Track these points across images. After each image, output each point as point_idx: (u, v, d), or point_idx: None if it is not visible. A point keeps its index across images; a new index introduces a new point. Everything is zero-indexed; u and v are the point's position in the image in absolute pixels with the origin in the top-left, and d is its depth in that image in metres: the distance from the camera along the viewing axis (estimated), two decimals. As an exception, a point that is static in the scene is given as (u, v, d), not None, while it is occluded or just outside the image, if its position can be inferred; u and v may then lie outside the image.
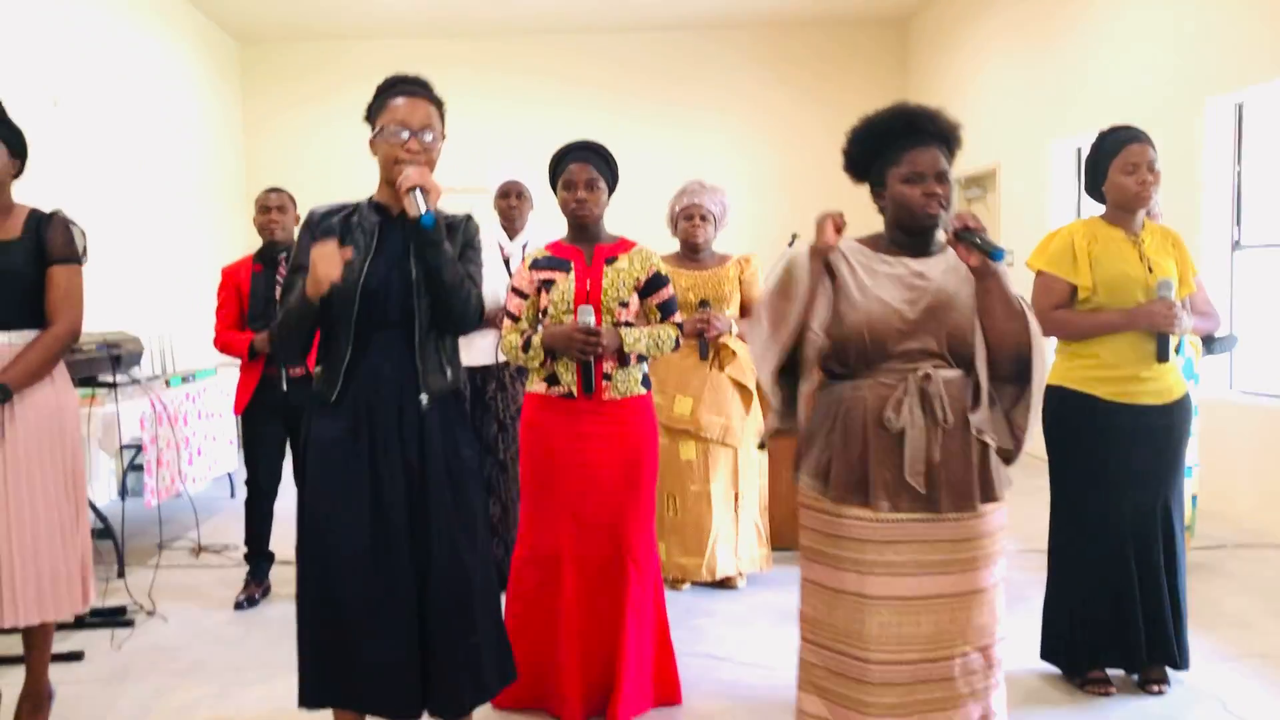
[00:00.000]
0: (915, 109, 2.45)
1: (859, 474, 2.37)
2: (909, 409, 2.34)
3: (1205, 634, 3.95)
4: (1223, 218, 6.04)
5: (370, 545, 2.49)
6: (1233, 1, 5.76)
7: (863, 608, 2.36)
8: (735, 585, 4.62)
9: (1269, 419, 5.61)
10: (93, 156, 7.03)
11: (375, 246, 2.56)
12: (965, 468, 2.37)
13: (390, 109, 2.55)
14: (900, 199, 2.42)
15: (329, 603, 2.51)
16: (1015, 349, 2.38)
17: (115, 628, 4.16)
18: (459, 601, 2.56)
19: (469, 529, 2.60)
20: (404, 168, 2.48)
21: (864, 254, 2.47)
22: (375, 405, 2.53)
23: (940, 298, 2.40)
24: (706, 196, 4.46)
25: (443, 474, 2.57)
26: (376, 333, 2.54)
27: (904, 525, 2.35)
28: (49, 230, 3.06)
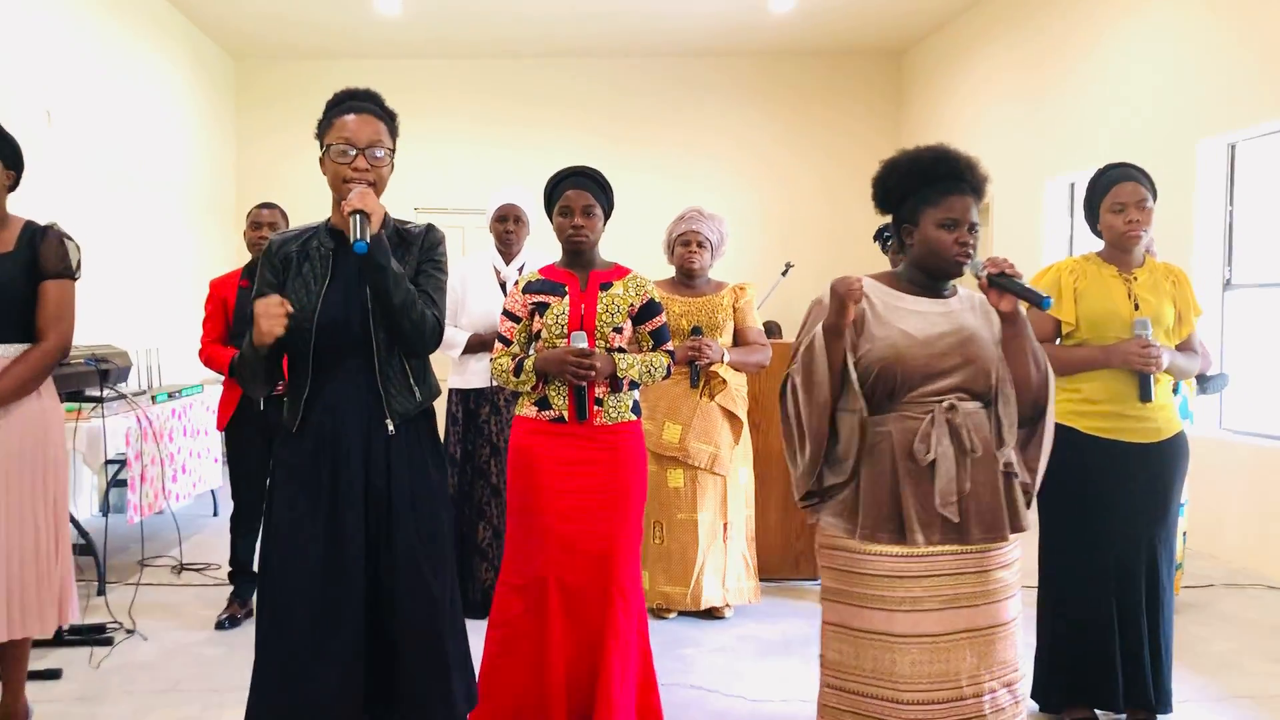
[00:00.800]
0: (959, 155, 2.47)
1: (890, 509, 2.37)
2: (937, 440, 2.35)
3: (1193, 674, 3.93)
4: (1215, 257, 6.07)
5: (324, 576, 2.46)
6: (1226, 44, 5.81)
7: (892, 647, 2.35)
8: (722, 615, 4.59)
9: (1258, 458, 5.62)
10: (85, 171, 7.01)
11: (330, 273, 2.51)
12: (994, 497, 2.39)
13: (337, 126, 2.49)
14: (933, 242, 2.44)
15: (278, 631, 2.47)
16: (1035, 393, 2.44)
17: (94, 646, 4.10)
18: (427, 627, 2.53)
19: (435, 554, 2.57)
20: (351, 188, 2.44)
21: (885, 292, 2.49)
22: (339, 433, 2.49)
23: (964, 334, 2.42)
24: (705, 224, 4.46)
25: (407, 500, 2.53)
26: (338, 360, 2.50)
27: (932, 560, 2.36)
28: (43, 244, 3.05)
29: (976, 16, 8.84)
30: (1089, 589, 3.21)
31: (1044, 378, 2.44)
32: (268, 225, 4.53)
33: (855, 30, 9.59)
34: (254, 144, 10.26)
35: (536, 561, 3.12)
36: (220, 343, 4.50)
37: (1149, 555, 3.24)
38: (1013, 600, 2.46)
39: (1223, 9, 5.85)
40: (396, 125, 2.59)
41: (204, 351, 4.53)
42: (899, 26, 9.51)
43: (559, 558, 3.11)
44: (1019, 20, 8.14)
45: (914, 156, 2.51)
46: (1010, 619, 2.44)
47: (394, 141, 2.57)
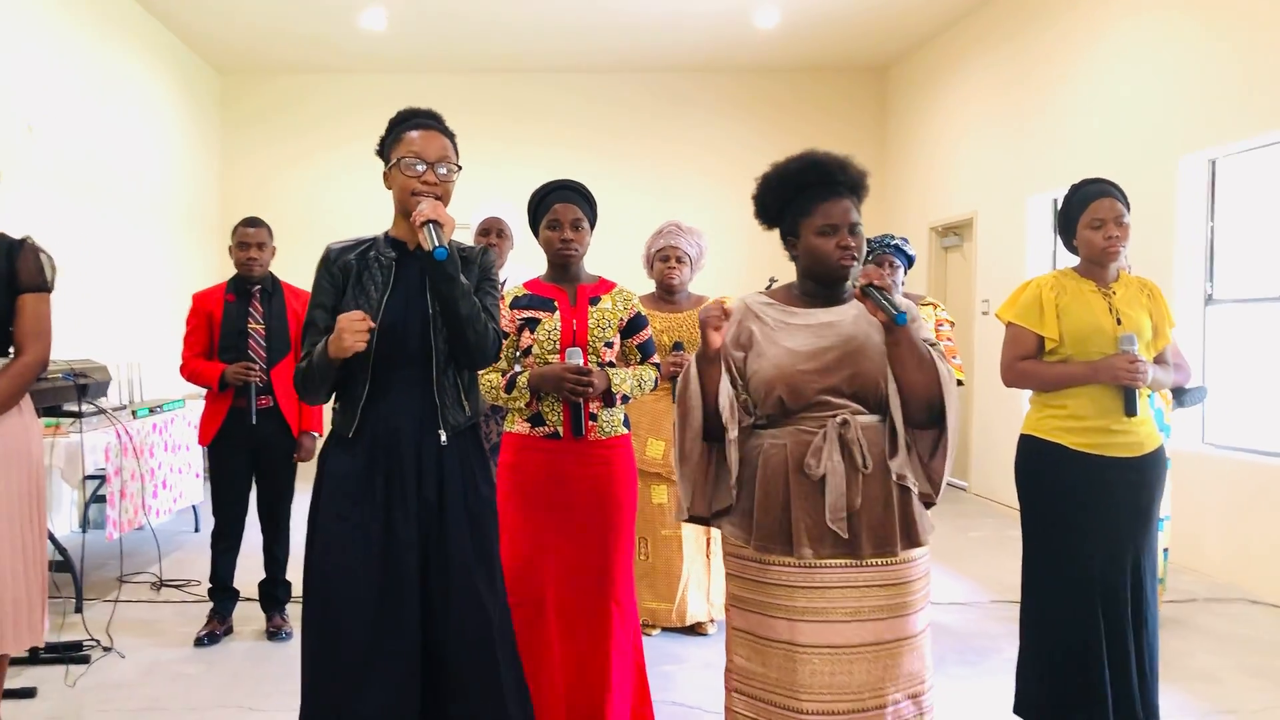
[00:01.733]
0: (825, 158, 2.46)
1: (782, 522, 2.37)
2: (828, 455, 2.34)
3: (1175, 689, 3.93)
4: (1196, 272, 6.10)
5: (378, 589, 2.42)
6: (1206, 61, 5.86)
7: (794, 657, 2.34)
8: (705, 631, 4.57)
9: (1240, 472, 5.64)
10: (68, 184, 6.97)
11: (392, 283, 2.53)
12: (886, 512, 2.37)
13: (405, 141, 2.53)
14: (814, 251, 2.43)
15: (330, 646, 2.42)
16: (927, 398, 2.39)
17: (70, 664, 4.05)
18: (481, 642, 2.50)
19: (488, 569, 2.56)
20: (419, 200, 2.46)
21: (774, 308, 2.49)
22: (393, 443, 2.48)
23: (851, 345, 2.41)
24: (683, 238, 4.45)
25: (462, 512, 2.52)
26: (394, 370, 2.50)
27: (831, 571, 2.35)
28: (19, 258, 3.02)
29: (960, 33, 8.90)
30: (1075, 604, 3.21)
31: (934, 384, 2.38)
32: (255, 246, 4.46)
33: (839, 46, 9.64)
34: (239, 158, 10.23)
35: (533, 579, 3.10)
36: (204, 357, 4.46)
37: (1134, 569, 3.24)
38: (922, 613, 2.43)
39: (1203, 26, 5.89)
40: (457, 144, 2.63)
41: (186, 367, 4.47)
42: (883, 43, 9.56)
43: (555, 574, 3.09)
44: (1002, 37, 8.19)
45: (782, 168, 2.50)
46: (918, 631, 2.42)
47: (458, 159, 2.61)
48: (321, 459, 2.57)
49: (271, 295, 4.51)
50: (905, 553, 2.38)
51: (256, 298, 4.47)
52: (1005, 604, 5.00)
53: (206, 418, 4.49)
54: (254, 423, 4.35)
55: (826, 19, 8.81)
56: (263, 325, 4.45)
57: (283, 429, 4.45)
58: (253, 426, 4.37)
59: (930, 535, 2.43)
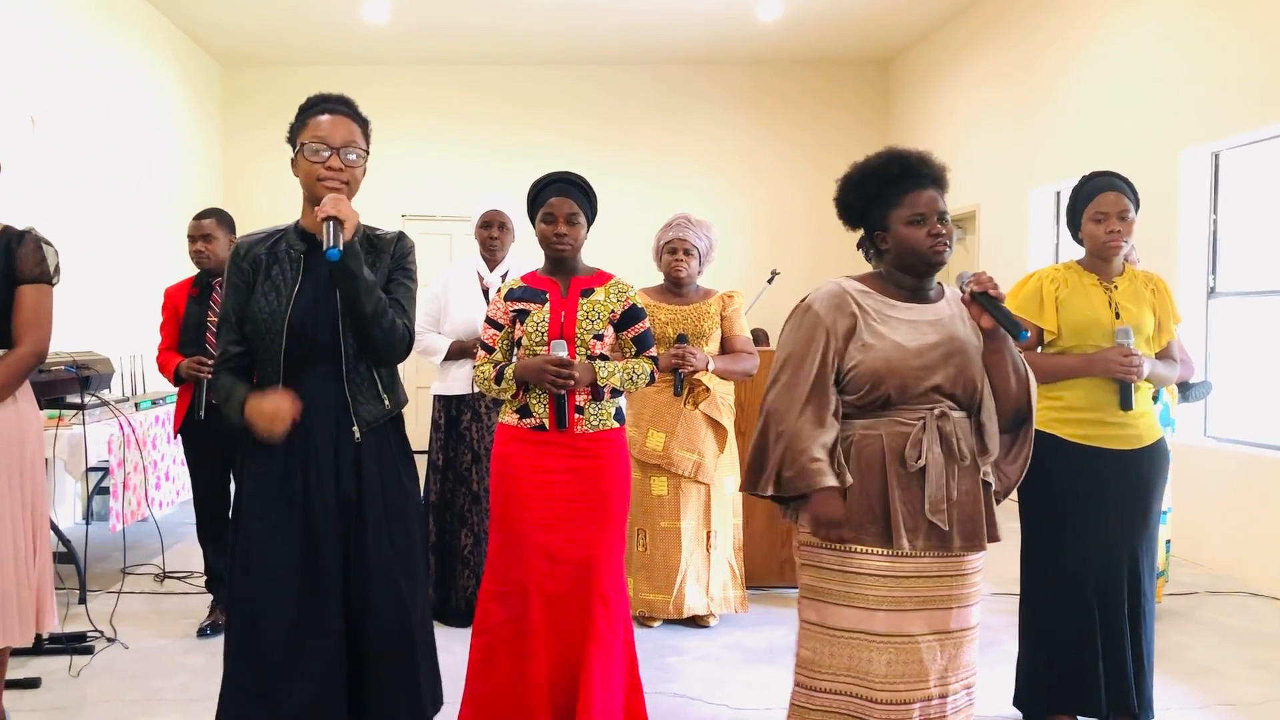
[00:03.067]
0: (909, 153, 2.48)
1: (877, 512, 2.38)
2: (928, 447, 2.36)
3: (1175, 681, 3.94)
4: (1199, 265, 6.10)
5: (299, 587, 2.43)
6: (1209, 53, 5.85)
7: (870, 646, 2.37)
8: (707, 624, 4.58)
9: (1242, 466, 5.64)
10: (70, 176, 6.98)
11: (300, 277, 2.49)
12: (975, 506, 2.41)
13: (311, 126, 2.47)
14: (907, 241, 2.44)
15: (252, 641, 2.43)
16: (1016, 404, 2.46)
17: (74, 654, 4.07)
18: (399, 638, 2.51)
19: (408, 563, 2.56)
20: (325, 188, 2.43)
21: (876, 299, 2.48)
22: (308, 440, 2.47)
23: (955, 344, 2.43)
24: (692, 231, 4.45)
25: (379, 508, 2.51)
26: (306, 366, 2.47)
27: (909, 561, 2.38)
28: (20, 249, 3.02)
29: (962, 26, 8.88)
30: (1071, 596, 3.21)
31: (1025, 389, 2.46)
32: (202, 238, 4.38)
33: (842, 39, 9.63)
34: (240, 150, 10.24)
35: (517, 570, 3.10)
36: (173, 350, 4.45)
37: (1130, 562, 3.25)
38: (979, 606, 2.50)
39: (1206, 18, 5.88)
40: (369, 131, 2.58)
41: (158, 359, 4.49)
42: (886, 35, 9.54)
43: (540, 566, 3.10)
44: (1004, 30, 8.18)
45: (865, 165, 2.52)
46: (976, 624, 2.48)
47: (368, 146, 2.55)
48: (243, 458, 2.56)
49: None
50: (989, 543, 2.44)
51: (217, 290, 4.44)
52: (1005, 596, 5.00)
53: (177, 410, 4.49)
54: (202, 417, 4.31)
55: (829, 11, 8.80)
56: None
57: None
58: (216, 418, 4.35)
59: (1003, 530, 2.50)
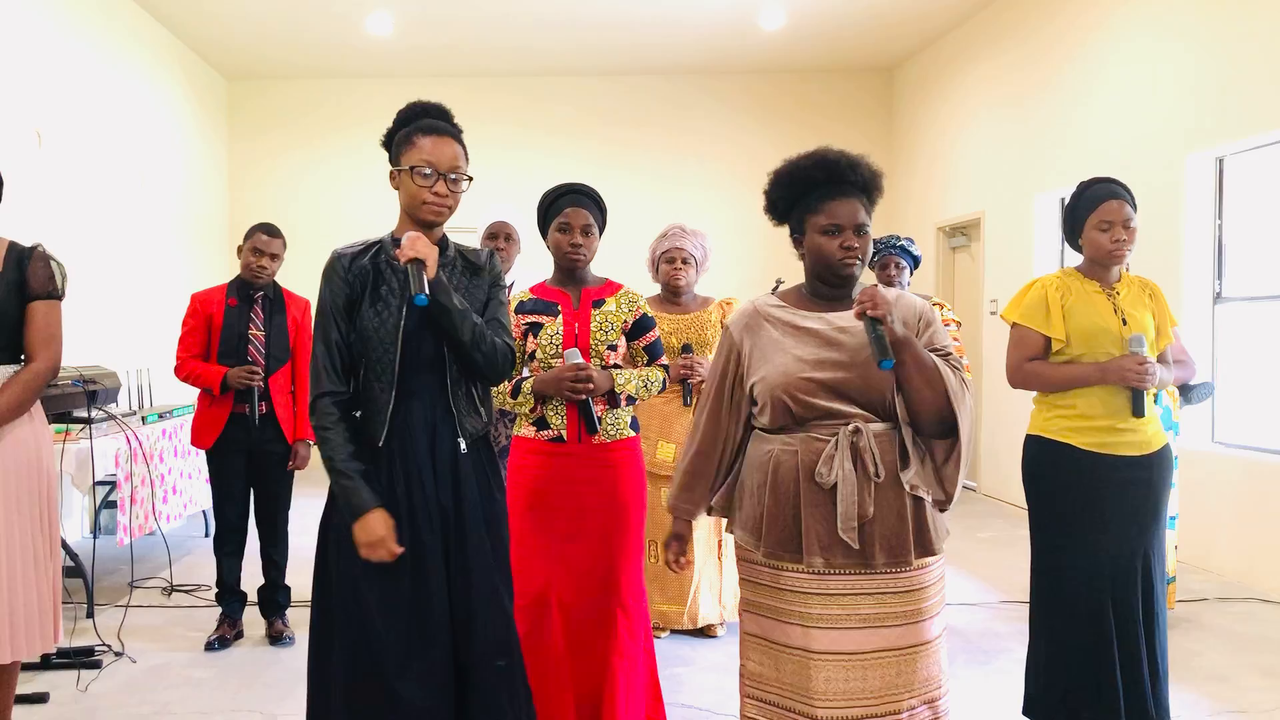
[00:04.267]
0: (837, 157, 2.42)
1: (792, 529, 2.35)
2: (840, 463, 2.31)
3: (1185, 688, 3.92)
4: (1204, 270, 6.09)
5: (409, 591, 2.42)
6: (1212, 59, 5.85)
7: (808, 663, 2.33)
8: (715, 634, 4.57)
9: (1249, 471, 5.62)
10: (76, 191, 7.00)
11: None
12: (899, 522, 2.34)
13: (418, 147, 2.47)
14: (817, 250, 2.41)
15: (365, 649, 2.40)
16: (937, 413, 2.36)
17: (82, 669, 4.07)
18: (504, 647, 2.50)
19: (505, 575, 2.56)
20: (430, 209, 2.45)
21: (785, 310, 2.46)
22: (411, 450, 2.46)
23: (861, 354, 2.36)
24: (688, 240, 4.45)
25: (480, 519, 2.51)
26: (415, 376, 2.47)
27: (844, 579, 2.33)
28: (30, 265, 3.03)
29: (966, 33, 8.89)
30: (1087, 603, 3.20)
31: (943, 399, 2.35)
32: (269, 256, 4.42)
33: (845, 47, 9.64)
34: (246, 163, 10.26)
35: (538, 582, 3.10)
36: (201, 358, 4.43)
37: (1144, 567, 3.23)
38: (937, 619, 2.41)
39: (1209, 23, 5.88)
40: (465, 144, 2.59)
41: (184, 367, 4.43)
42: (889, 44, 9.55)
43: (562, 578, 3.10)
44: (1008, 37, 8.18)
45: (793, 164, 2.46)
46: (933, 637, 2.39)
47: (468, 162, 2.57)
48: None
49: (273, 302, 4.51)
50: (919, 560, 2.36)
51: (259, 304, 4.47)
52: (1014, 604, 4.99)
53: (204, 421, 4.47)
54: (257, 424, 4.36)
55: (832, 20, 8.81)
56: (263, 332, 4.44)
57: (278, 436, 4.46)
58: (251, 433, 4.38)
59: (944, 542, 2.42)
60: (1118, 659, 3.17)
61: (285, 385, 4.47)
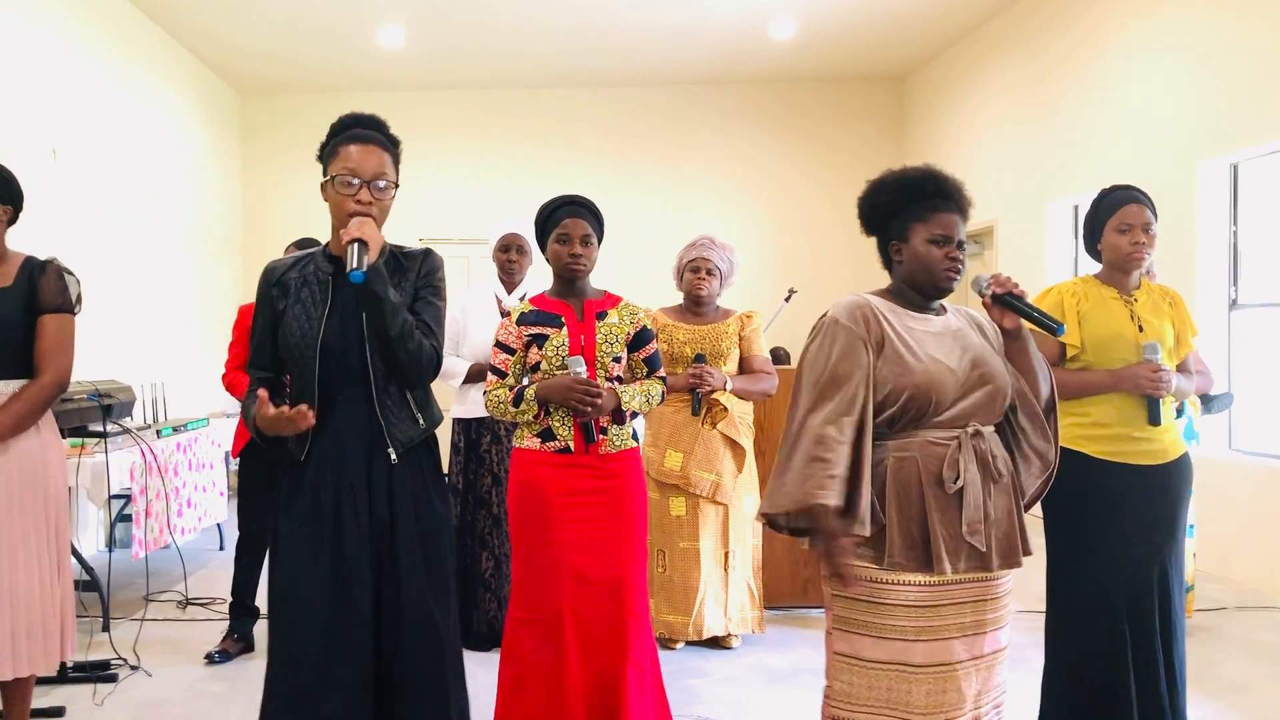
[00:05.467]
0: (947, 175, 2.48)
1: (918, 537, 2.34)
2: (964, 466, 2.33)
3: (1205, 699, 3.89)
4: (1219, 277, 6.05)
5: (330, 603, 2.44)
6: (1226, 64, 5.82)
7: (909, 677, 2.33)
8: (729, 645, 4.55)
9: (1268, 479, 5.57)
10: (91, 206, 7.04)
11: (330, 300, 2.51)
12: (1010, 523, 2.39)
13: (342, 155, 2.49)
14: (924, 258, 2.43)
15: (288, 661, 2.45)
16: (1044, 406, 2.46)
17: (97, 683, 4.07)
18: (431, 662, 2.51)
19: (440, 587, 2.56)
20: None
21: (893, 310, 2.46)
22: (342, 462, 2.49)
23: (982, 356, 2.41)
24: (716, 252, 4.46)
25: (413, 531, 2.52)
26: (339, 389, 2.49)
27: (951, 589, 2.34)
28: (42, 279, 3.05)
29: (978, 41, 8.88)
30: (1102, 613, 3.17)
31: (1051, 386, 2.46)
32: None
33: (857, 56, 9.63)
34: (260, 178, 10.31)
35: (548, 595, 3.09)
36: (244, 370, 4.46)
37: (1160, 578, 3.20)
38: (1009, 627, 2.47)
39: (1223, 28, 5.86)
40: (399, 153, 2.59)
41: (228, 376, 4.48)
42: (900, 52, 9.54)
43: (572, 589, 3.09)
44: (1020, 44, 8.17)
45: (902, 174, 2.50)
46: (1006, 644, 2.45)
47: (398, 171, 2.57)
48: (279, 482, 2.57)
49: None
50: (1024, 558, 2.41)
51: None
52: (1032, 614, 4.94)
53: (240, 430, 4.49)
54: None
55: (843, 29, 8.80)
56: None
57: None
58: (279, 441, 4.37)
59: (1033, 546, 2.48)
60: (1133, 670, 3.15)
61: None
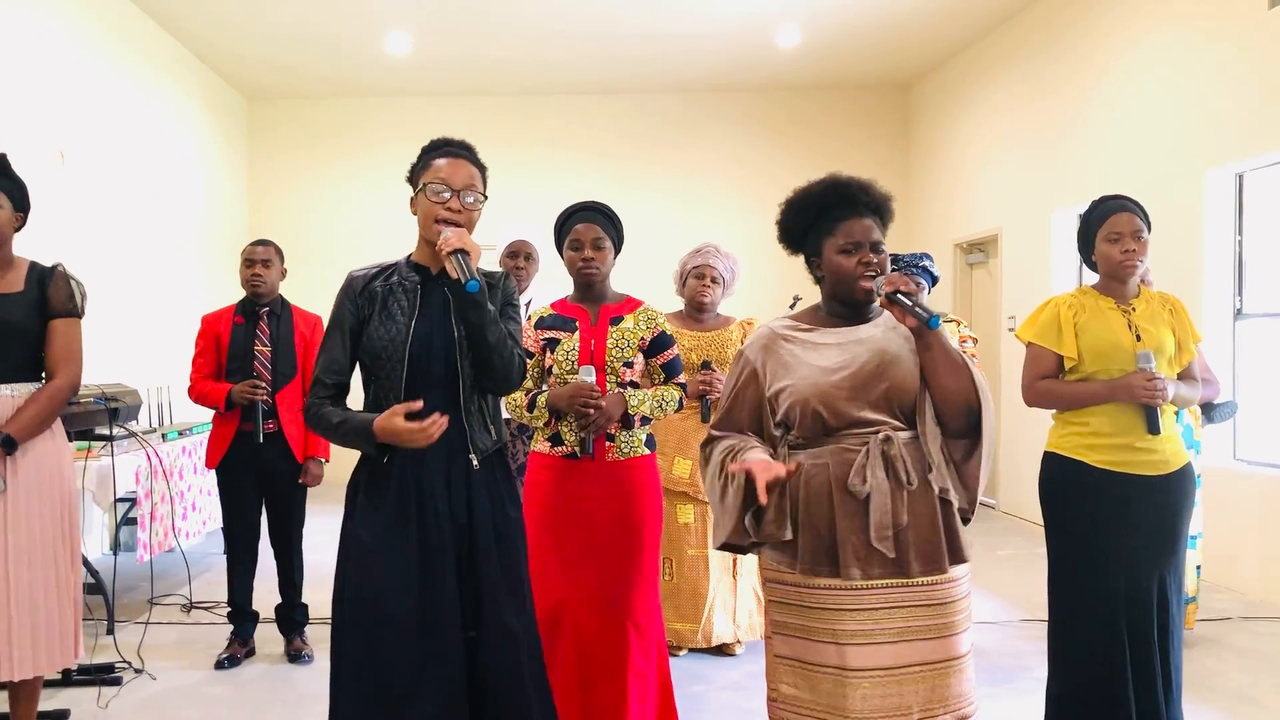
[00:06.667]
0: (848, 180, 2.49)
1: (827, 543, 2.35)
2: (872, 473, 2.33)
3: (1209, 708, 3.88)
4: (1224, 287, 6.05)
5: (419, 610, 2.43)
6: (1231, 75, 5.83)
7: (844, 681, 2.32)
8: (734, 652, 4.55)
9: (1273, 488, 5.57)
10: (98, 211, 7.07)
11: (419, 308, 2.55)
12: (932, 529, 2.36)
13: (433, 168, 2.55)
14: (836, 270, 2.45)
15: (374, 668, 2.42)
16: (964, 404, 2.39)
17: (102, 685, 4.08)
18: (510, 666, 2.50)
19: (516, 591, 2.57)
20: (443, 228, 2.47)
21: (799, 329, 2.50)
22: (423, 468, 2.49)
23: (884, 359, 2.41)
24: (720, 260, 4.49)
25: (490, 536, 2.52)
26: (424, 395, 2.49)
27: (876, 593, 2.33)
28: (51, 284, 3.08)
29: (983, 50, 8.89)
30: (1101, 623, 3.17)
31: (970, 387, 2.39)
32: (260, 263, 4.47)
33: (861, 64, 9.65)
34: (266, 182, 10.33)
35: (551, 598, 3.10)
36: (213, 379, 4.45)
37: (1160, 588, 3.21)
38: (966, 634, 2.42)
39: (1228, 40, 5.87)
40: (487, 176, 2.64)
41: (194, 388, 4.46)
42: (905, 60, 9.56)
43: (573, 594, 3.10)
44: (1025, 54, 8.18)
45: (805, 191, 2.53)
46: (964, 653, 2.40)
47: (486, 190, 2.61)
48: (353, 484, 2.56)
49: (279, 317, 4.51)
50: (951, 570, 2.37)
51: (264, 319, 4.48)
52: (1035, 623, 4.95)
53: (214, 440, 4.49)
54: (260, 441, 4.34)
55: (848, 37, 8.82)
56: (269, 348, 4.44)
57: (286, 454, 4.44)
58: (259, 450, 4.36)
59: (971, 551, 2.43)
60: (1132, 680, 3.15)
61: (293, 402, 4.42)
